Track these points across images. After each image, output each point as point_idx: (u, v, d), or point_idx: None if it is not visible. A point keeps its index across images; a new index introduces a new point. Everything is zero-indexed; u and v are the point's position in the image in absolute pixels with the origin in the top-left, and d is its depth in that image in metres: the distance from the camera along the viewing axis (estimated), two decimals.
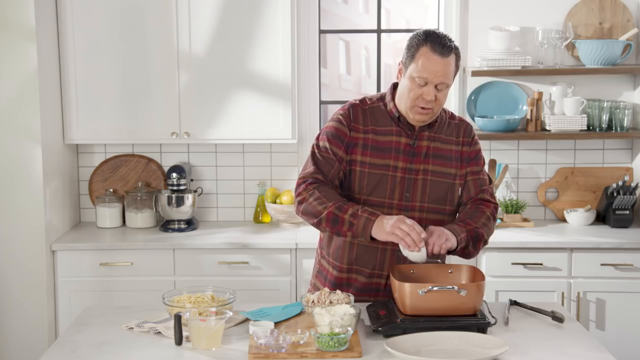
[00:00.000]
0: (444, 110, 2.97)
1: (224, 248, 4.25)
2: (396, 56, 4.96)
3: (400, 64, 2.85)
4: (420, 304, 2.57)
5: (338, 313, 2.55)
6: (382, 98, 2.95)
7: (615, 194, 4.45)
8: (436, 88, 2.78)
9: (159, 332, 2.68)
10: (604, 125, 4.47)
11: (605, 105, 4.45)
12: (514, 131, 4.52)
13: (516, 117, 4.52)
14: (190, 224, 4.51)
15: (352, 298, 2.73)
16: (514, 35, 4.49)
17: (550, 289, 4.18)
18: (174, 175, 4.46)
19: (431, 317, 2.57)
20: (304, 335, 2.53)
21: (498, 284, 4.16)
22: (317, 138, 2.94)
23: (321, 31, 4.72)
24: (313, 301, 2.71)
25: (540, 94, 4.54)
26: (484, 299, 2.72)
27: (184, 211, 4.48)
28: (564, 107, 4.51)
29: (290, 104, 4.39)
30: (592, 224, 4.54)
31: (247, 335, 2.65)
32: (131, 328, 2.73)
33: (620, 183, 4.45)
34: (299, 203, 2.85)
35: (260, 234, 4.41)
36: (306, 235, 4.32)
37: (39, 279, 4.17)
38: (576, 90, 4.62)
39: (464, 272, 2.78)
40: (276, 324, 2.69)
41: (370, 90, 4.80)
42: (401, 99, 2.85)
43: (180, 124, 4.42)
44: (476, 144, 2.99)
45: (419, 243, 2.66)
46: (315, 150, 2.92)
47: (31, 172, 4.13)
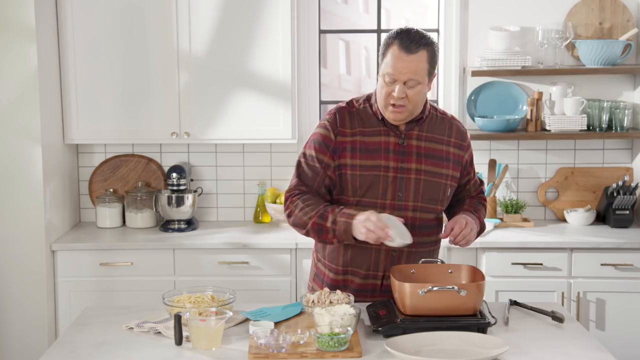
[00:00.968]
0: (434, 108, 2.95)
1: (224, 248, 4.25)
2: None
3: None
4: (420, 304, 2.57)
5: (338, 313, 2.55)
6: (369, 99, 2.94)
7: (615, 194, 4.44)
8: (407, 85, 2.75)
9: (159, 332, 2.68)
10: (604, 125, 4.47)
11: (605, 105, 4.45)
12: (514, 131, 4.52)
13: (516, 117, 4.52)
14: (190, 224, 4.51)
15: (352, 298, 2.73)
16: (514, 35, 4.49)
17: (550, 289, 4.18)
18: (174, 175, 4.46)
19: (431, 317, 2.57)
20: (304, 335, 2.53)
21: (498, 284, 4.16)
22: (305, 145, 2.94)
23: (321, 31, 4.71)
24: (313, 301, 2.71)
25: (540, 94, 4.54)
26: (484, 299, 2.72)
27: (184, 211, 4.48)
28: (564, 107, 4.51)
29: (290, 104, 4.39)
30: (592, 224, 4.53)
31: (247, 335, 2.65)
32: (131, 328, 2.73)
33: (620, 183, 4.45)
34: (288, 216, 2.88)
35: (260, 234, 4.41)
36: None
37: (39, 279, 4.17)
38: (576, 90, 4.62)
39: (464, 272, 2.79)
40: (276, 324, 2.69)
41: (370, 90, 4.79)
42: (377, 98, 2.85)
43: (180, 124, 4.42)
44: (470, 146, 3.00)
45: (385, 238, 2.65)
46: (302, 159, 2.92)
47: (31, 172, 4.13)
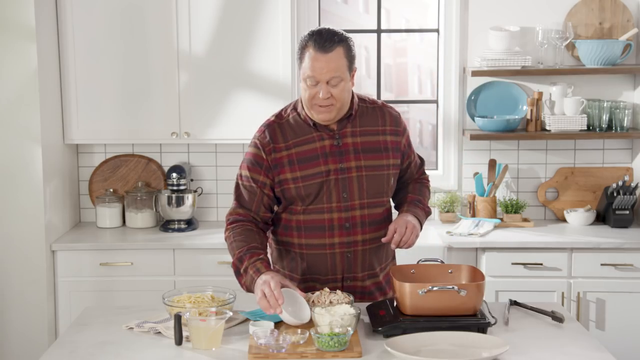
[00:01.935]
0: (362, 99, 2.91)
1: (224, 248, 4.20)
2: (396, 56, 4.95)
3: None
4: (420, 304, 2.57)
5: (338, 313, 2.55)
6: (295, 107, 2.89)
7: (615, 194, 4.44)
8: (330, 84, 2.71)
9: (159, 332, 2.68)
10: (604, 125, 4.47)
11: (605, 105, 4.45)
12: (514, 131, 4.52)
13: (516, 117, 4.52)
14: (190, 224, 4.51)
15: (352, 298, 2.73)
16: (514, 35, 4.49)
17: (550, 289, 4.18)
18: (174, 175, 4.46)
19: (431, 317, 2.57)
20: (304, 335, 2.53)
21: (498, 284, 4.16)
22: (240, 165, 2.90)
23: None
24: (313, 301, 2.71)
25: (540, 94, 4.54)
26: (484, 299, 2.72)
27: (184, 211, 4.48)
28: (564, 107, 4.51)
29: None
30: (592, 224, 4.53)
31: (247, 335, 2.65)
32: (131, 328, 2.73)
33: (620, 183, 4.45)
34: (226, 241, 2.89)
35: None
36: None
37: (39, 278, 4.17)
38: (576, 90, 4.62)
39: (464, 272, 2.78)
40: (276, 324, 2.69)
41: (370, 90, 4.80)
42: (303, 104, 2.81)
43: (180, 124, 4.42)
44: (406, 129, 2.95)
45: (275, 308, 2.57)
46: (239, 180, 2.89)
47: (31, 172, 4.13)
